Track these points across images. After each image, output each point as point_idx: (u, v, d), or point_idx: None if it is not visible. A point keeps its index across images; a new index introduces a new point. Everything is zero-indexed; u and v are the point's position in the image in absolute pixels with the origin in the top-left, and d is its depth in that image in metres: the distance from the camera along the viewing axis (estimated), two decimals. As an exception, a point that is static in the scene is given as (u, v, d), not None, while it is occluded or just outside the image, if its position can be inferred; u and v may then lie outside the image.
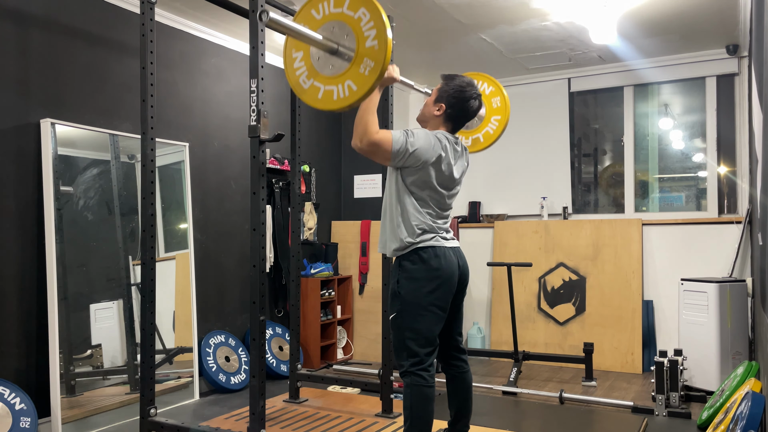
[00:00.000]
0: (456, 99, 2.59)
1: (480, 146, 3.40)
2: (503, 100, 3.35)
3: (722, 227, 4.65)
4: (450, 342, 2.73)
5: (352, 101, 2.34)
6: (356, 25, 2.34)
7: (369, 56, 2.30)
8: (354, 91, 2.34)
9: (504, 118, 3.34)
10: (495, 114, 3.37)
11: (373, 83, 2.29)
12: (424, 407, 2.47)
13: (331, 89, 2.40)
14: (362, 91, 2.32)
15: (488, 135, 3.39)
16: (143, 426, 2.91)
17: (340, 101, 2.38)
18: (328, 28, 2.41)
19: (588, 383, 4.33)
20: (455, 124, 2.65)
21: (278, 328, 4.78)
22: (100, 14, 3.64)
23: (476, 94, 2.62)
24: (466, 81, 2.61)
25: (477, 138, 3.40)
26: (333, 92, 2.40)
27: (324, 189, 5.59)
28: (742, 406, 2.49)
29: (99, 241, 3.55)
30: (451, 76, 2.64)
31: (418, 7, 3.93)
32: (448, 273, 2.52)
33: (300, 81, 2.51)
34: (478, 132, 3.40)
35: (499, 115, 3.36)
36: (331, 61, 2.41)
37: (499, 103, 3.36)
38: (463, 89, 2.59)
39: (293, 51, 2.55)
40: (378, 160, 2.47)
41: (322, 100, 2.43)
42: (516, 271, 5.15)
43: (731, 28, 4.32)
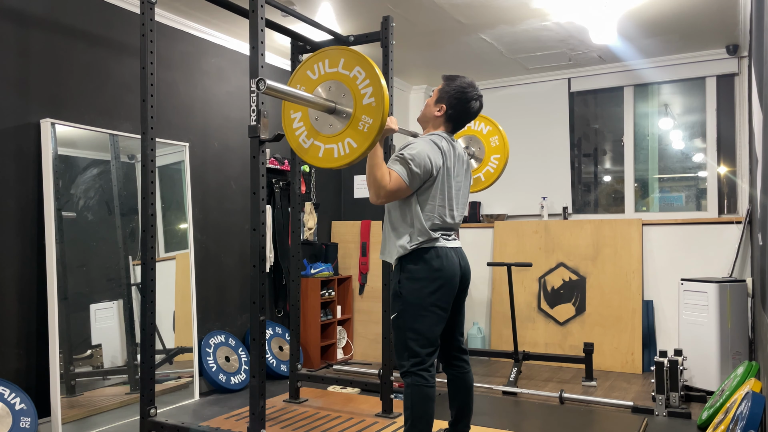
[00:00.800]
0: (457, 100, 2.59)
1: (482, 185, 3.44)
2: (501, 138, 3.39)
3: (722, 227, 4.65)
4: (452, 342, 2.73)
5: (353, 158, 2.37)
6: (352, 84, 2.38)
7: (367, 114, 2.34)
8: (354, 148, 2.37)
9: (503, 156, 3.39)
10: (494, 153, 3.41)
11: (373, 139, 2.32)
12: (424, 407, 2.47)
13: (332, 147, 2.43)
14: (362, 147, 2.35)
15: (489, 174, 3.43)
16: (143, 426, 2.91)
17: (341, 159, 2.41)
18: (325, 87, 2.45)
19: (588, 383, 4.33)
20: (455, 125, 2.66)
21: (278, 328, 4.78)
22: (100, 14, 3.64)
23: (477, 95, 2.62)
24: (467, 82, 2.61)
25: (478, 178, 3.45)
26: (333, 150, 2.43)
27: (324, 189, 5.59)
28: (742, 406, 2.49)
29: (99, 241, 3.55)
30: (452, 77, 2.64)
31: (418, 7, 3.93)
32: (450, 273, 2.52)
33: (300, 141, 2.54)
34: (479, 172, 3.45)
35: (499, 154, 3.40)
36: (329, 120, 2.44)
37: (497, 142, 3.41)
38: (464, 90, 2.59)
39: (291, 112, 2.57)
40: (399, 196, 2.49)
41: (323, 158, 2.46)
42: (516, 271, 5.15)
43: (731, 28, 4.32)
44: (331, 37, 3.70)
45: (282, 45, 4.55)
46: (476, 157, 3.44)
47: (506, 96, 5.63)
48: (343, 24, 4.25)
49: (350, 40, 3.65)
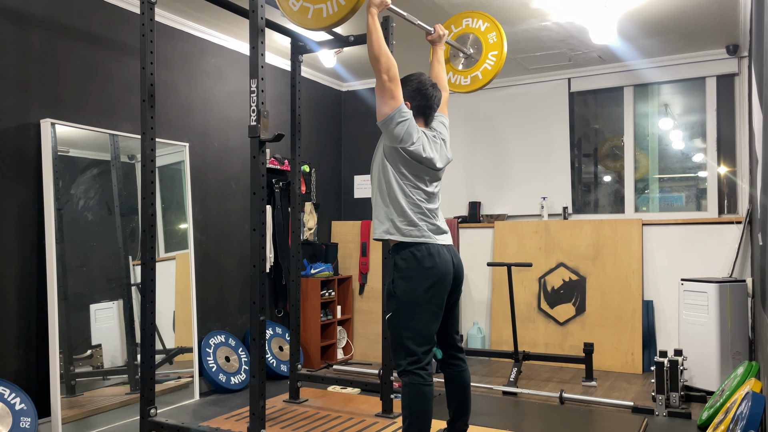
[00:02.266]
0: (416, 91, 2.65)
1: (479, 83, 3.41)
2: (499, 35, 3.36)
3: (722, 227, 4.65)
4: (447, 341, 2.73)
5: (342, 15, 2.37)
6: None
7: None
8: (342, 5, 2.38)
9: (501, 53, 3.34)
10: (492, 50, 3.37)
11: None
12: (422, 406, 2.47)
13: (320, 7, 2.45)
14: (350, 3, 2.35)
15: (486, 71, 3.40)
16: (143, 426, 2.91)
17: (330, 17, 2.42)
18: None
19: (588, 383, 4.33)
20: (426, 116, 2.69)
21: (278, 328, 4.78)
22: (100, 14, 3.64)
23: (432, 84, 2.69)
24: (418, 75, 2.69)
25: (476, 75, 3.41)
26: (322, 10, 2.44)
27: (324, 189, 5.59)
28: (742, 407, 2.49)
29: (99, 241, 3.55)
30: (404, 78, 2.70)
31: (418, 7, 3.93)
32: (443, 271, 2.53)
33: (289, 4, 2.54)
34: (476, 69, 3.41)
35: (496, 50, 3.36)
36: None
37: (495, 39, 3.37)
38: (420, 81, 2.67)
39: None
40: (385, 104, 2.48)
41: (313, 18, 2.47)
42: (516, 271, 5.15)
43: (731, 28, 4.32)
44: (330, 37, 3.70)
45: (282, 45, 4.55)
46: (473, 58, 3.41)
47: (506, 96, 5.63)
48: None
49: (350, 40, 3.65)
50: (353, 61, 5.16)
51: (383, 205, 2.59)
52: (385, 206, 2.58)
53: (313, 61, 5.14)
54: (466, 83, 3.45)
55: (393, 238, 2.56)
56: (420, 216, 2.56)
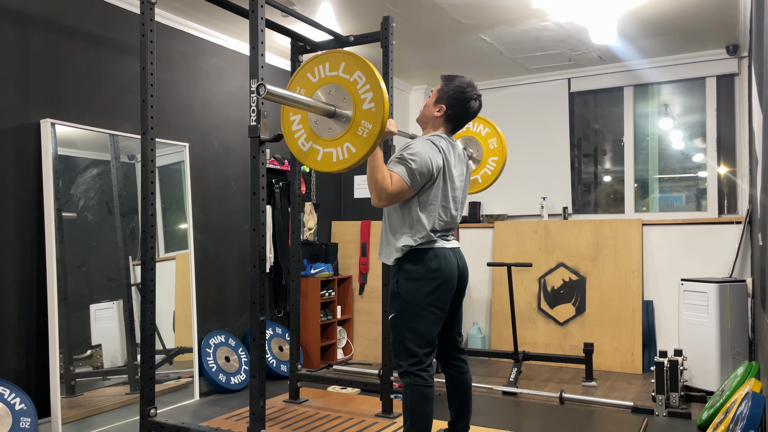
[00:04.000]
0: (456, 100, 2.59)
1: (479, 187, 3.46)
2: (500, 141, 3.40)
3: (722, 227, 4.65)
4: (449, 342, 2.73)
5: (352, 163, 2.37)
6: (352, 88, 2.37)
7: (366, 119, 2.33)
8: (353, 153, 2.36)
9: (501, 159, 3.40)
10: (492, 155, 3.42)
11: (372, 144, 2.32)
12: (423, 407, 2.47)
13: (331, 151, 2.43)
14: (362, 152, 2.34)
15: (486, 176, 3.44)
16: (143, 426, 2.91)
17: (340, 163, 2.40)
18: (325, 90, 2.45)
19: (588, 383, 4.33)
20: (455, 125, 2.66)
21: (278, 329, 4.78)
22: (100, 14, 3.64)
23: (476, 95, 2.62)
24: (466, 81, 2.61)
25: (476, 179, 3.46)
26: (332, 154, 2.42)
27: (324, 189, 5.59)
28: (742, 407, 2.49)
29: (99, 241, 3.55)
30: (451, 76, 2.63)
31: (418, 8, 3.93)
32: (448, 273, 2.52)
33: (299, 144, 2.53)
34: (476, 174, 3.47)
35: (497, 156, 3.41)
36: (329, 124, 2.44)
37: (495, 144, 3.42)
38: (463, 90, 2.58)
39: (291, 114, 2.57)
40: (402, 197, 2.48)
41: (322, 162, 2.46)
42: (516, 271, 5.15)
43: (731, 28, 4.32)
44: (331, 37, 3.69)
45: (282, 45, 4.55)
46: (474, 159, 3.46)
47: (506, 96, 5.63)
48: (343, 24, 4.25)
49: (350, 41, 3.64)
50: (353, 61, 5.15)
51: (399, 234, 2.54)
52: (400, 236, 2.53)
53: (313, 61, 5.13)
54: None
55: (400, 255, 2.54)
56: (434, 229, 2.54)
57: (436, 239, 2.53)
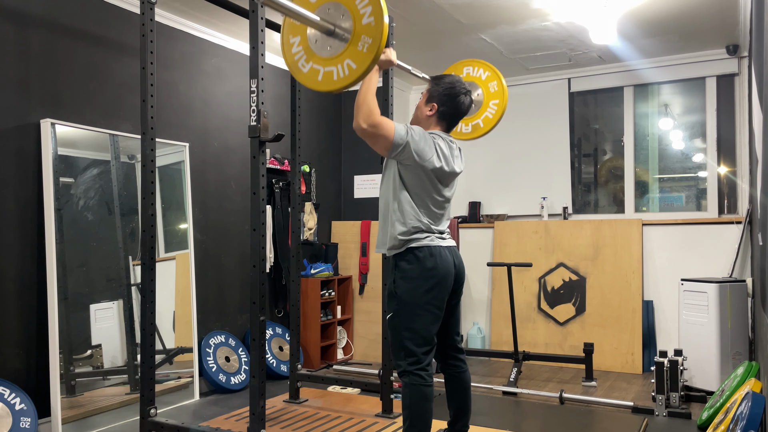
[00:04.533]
0: (447, 96, 2.61)
1: (480, 131, 3.42)
2: (500, 84, 3.37)
3: (722, 227, 4.65)
4: (448, 342, 2.73)
5: (353, 79, 2.35)
6: (351, 4, 2.36)
7: (366, 33, 2.32)
8: (354, 69, 2.36)
9: (502, 102, 3.36)
10: (493, 98, 3.39)
11: (372, 59, 2.30)
12: (423, 407, 2.47)
13: (331, 70, 2.42)
14: (362, 68, 2.33)
15: (488, 120, 3.41)
16: (143, 426, 2.91)
17: (340, 81, 2.39)
18: (323, 9, 2.44)
19: (588, 383, 4.33)
20: (449, 123, 2.67)
21: (278, 328, 4.78)
22: (100, 14, 3.64)
23: (466, 90, 2.65)
24: (455, 79, 2.64)
25: (477, 124, 3.42)
26: (333, 73, 2.42)
27: (324, 189, 5.59)
28: (742, 407, 2.49)
29: (99, 241, 3.55)
30: (439, 76, 2.67)
31: (418, 8, 3.93)
32: (444, 272, 2.53)
33: (299, 65, 2.53)
34: (477, 118, 3.42)
35: (498, 99, 3.38)
36: (328, 43, 2.43)
37: (496, 87, 3.38)
38: (453, 86, 2.61)
39: (290, 36, 2.56)
40: (377, 146, 2.46)
41: (323, 81, 2.45)
42: (516, 271, 5.15)
43: (731, 28, 4.32)
44: (331, 37, 3.69)
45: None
46: (476, 103, 3.43)
47: (506, 96, 5.62)
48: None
49: (350, 40, 3.64)
50: (353, 61, 5.15)
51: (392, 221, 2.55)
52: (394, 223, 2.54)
53: (313, 61, 5.13)
54: (467, 131, 3.48)
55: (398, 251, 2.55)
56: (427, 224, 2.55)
57: (431, 237, 2.54)
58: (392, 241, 2.54)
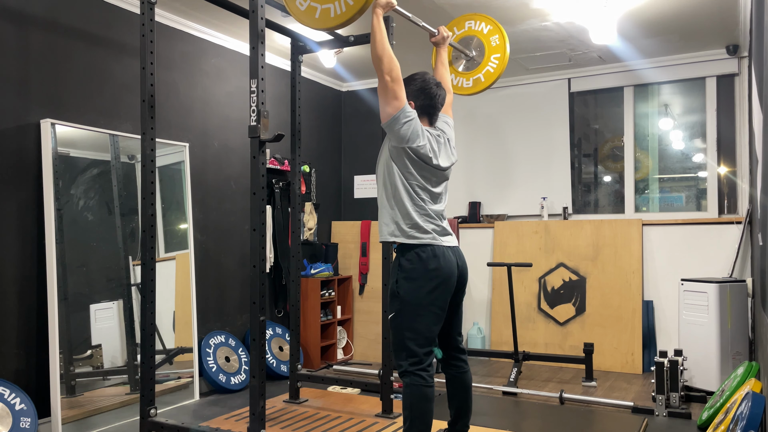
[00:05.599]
0: (420, 90, 2.64)
1: (482, 85, 3.41)
2: (501, 37, 3.37)
3: (722, 227, 4.65)
4: (449, 342, 2.73)
5: (350, 15, 2.36)
6: None
7: None
8: (350, 5, 2.37)
9: (504, 56, 3.35)
10: (494, 52, 3.38)
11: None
12: (423, 407, 2.47)
13: (328, 7, 2.43)
14: (359, 4, 2.34)
15: (489, 74, 3.40)
16: (143, 426, 2.91)
17: (337, 17, 2.40)
18: None
19: (588, 383, 4.33)
20: (429, 116, 2.69)
21: (278, 329, 4.78)
22: (100, 14, 3.64)
23: (436, 83, 2.68)
24: (422, 74, 2.68)
25: (478, 78, 3.42)
26: (330, 9, 2.43)
27: (324, 189, 5.59)
28: (742, 407, 2.49)
29: (99, 241, 3.55)
30: (407, 78, 2.68)
31: (418, 7, 3.93)
32: (447, 272, 2.52)
33: (297, 3, 2.53)
34: (478, 72, 3.42)
35: (499, 53, 3.37)
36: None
37: (497, 41, 3.37)
38: (424, 80, 2.65)
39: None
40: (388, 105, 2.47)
41: (320, 18, 2.45)
42: (516, 271, 5.15)
43: (731, 28, 4.32)
44: (331, 37, 3.69)
45: (282, 45, 4.55)
46: (475, 61, 3.42)
47: (506, 96, 5.63)
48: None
49: (350, 41, 3.64)
50: (353, 61, 5.16)
51: (388, 207, 2.57)
52: (390, 208, 2.57)
53: (313, 61, 5.14)
54: (468, 86, 3.46)
55: (398, 240, 2.55)
56: (425, 218, 2.55)
57: (433, 236, 2.54)
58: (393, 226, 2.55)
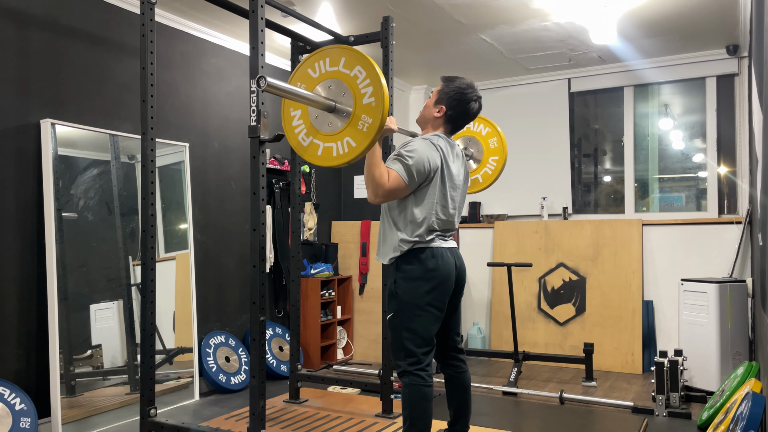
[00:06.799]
0: (457, 101, 2.59)
1: (479, 187, 3.46)
2: (500, 140, 3.41)
3: (722, 227, 4.65)
4: (448, 342, 2.73)
5: (352, 157, 2.37)
6: (353, 83, 2.38)
7: (367, 113, 2.34)
8: (353, 147, 2.37)
9: (502, 158, 3.40)
10: (493, 155, 3.43)
11: (372, 139, 2.32)
12: (422, 407, 2.47)
13: (331, 146, 2.44)
14: (361, 147, 2.35)
15: (487, 175, 3.45)
16: (143, 426, 2.91)
17: (339, 158, 2.41)
18: (325, 85, 2.45)
19: (588, 383, 4.33)
20: (455, 126, 2.66)
21: (278, 329, 4.78)
22: (100, 14, 3.64)
23: (477, 96, 2.63)
24: (466, 83, 2.61)
25: (476, 179, 3.47)
26: (332, 149, 2.43)
27: (324, 189, 5.59)
28: (742, 407, 2.49)
29: (99, 241, 3.55)
30: (451, 78, 2.64)
31: (418, 8, 3.93)
32: (445, 273, 2.52)
33: (299, 139, 2.54)
34: (476, 173, 3.47)
35: (497, 156, 3.42)
36: (329, 119, 2.44)
37: (496, 144, 3.42)
38: (463, 91, 2.59)
39: (291, 110, 2.58)
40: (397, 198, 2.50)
41: (322, 156, 2.46)
42: (516, 271, 5.15)
43: (731, 28, 4.32)
44: (331, 37, 3.70)
45: (282, 45, 4.55)
46: (474, 158, 3.46)
47: (506, 96, 5.63)
48: (343, 24, 4.25)
49: (350, 41, 3.65)
50: (353, 61, 5.15)
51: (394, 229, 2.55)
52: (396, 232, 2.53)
53: (313, 61, 5.13)
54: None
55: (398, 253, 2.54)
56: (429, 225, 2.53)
57: (433, 238, 2.53)
58: (395, 252, 2.54)
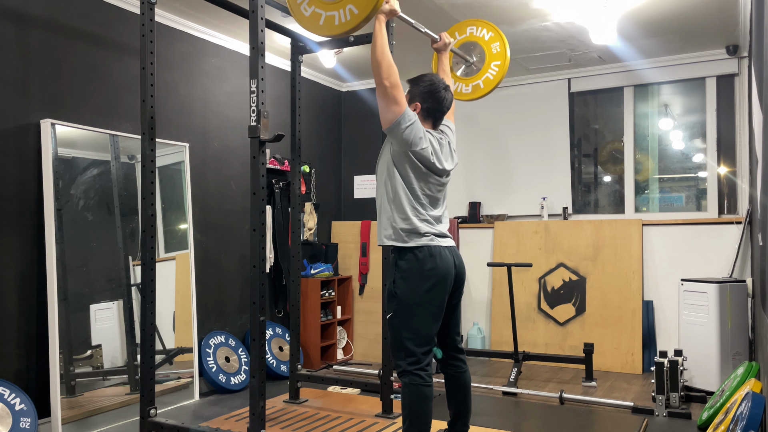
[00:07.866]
0: (428, 93, 2.62)
1: (481, 92, 3.42)
2: (502, 45, 3.37)
3: (722, 227, 4.65)
4: (448, 342, 2.73)
5: (354, 24, 2.36)
6: None
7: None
8: (355, 14, 2.36)
9: (504, 63, 3.36)
10: (495, 59, 3.39)
11: (375, 5, 2.30)
12: (422, 406, 2.47)
13: (333, 14, 2.42)
14: (364, 13, 2.33)
15: (488, 81, 3.41)
16: (143, 426, 2.91)
17: (341, 25, 2.40)
18: None
19: (588, 384, 4.33)
20: (434, 119, 2.68)
21: (278, 329, 4.78)
22: (100, 14, 3.64)
23: (445, 86, 2.66)
24: (431, 76, 2.66)
25: (477, 84, 3.42)
26: (335, 17, 2.42)
27: (324, 189, 5.59)
28: (742, 407, 2.49)
29: (99, 241, 3.55)
30: (416, 77, 2.68)
31: (418, 7, 3.93)
32: (444, 272, 2.53)
33: (301, 8, 2.52)
34: (478, 78, 3.42)
35: (499, 60, 3.37)
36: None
37: (498, 48, 3.37)
38: (432, 83, 2.63)
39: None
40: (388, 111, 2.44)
41: (324, 25, 2.44)
42: (516, 271, 5.15)
43: (731, 28, 4.32)
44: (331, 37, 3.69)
45: (282, 45, 4.55)
46: (475, 66, 3.43)
47: (506, 96, 5.63)
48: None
49: (350, 41, 3.64)
50: (353, 61, 5.16)
51: (388, 210, 2.56)
52: (390, 211, 2.56)
53: (313, 62, 5.14)
54: (467, 91, 3.47)
55: (395, 243, 2.55)
56: (424, 222, 2.54)
57: (430, 235, 2.54)
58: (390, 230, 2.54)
